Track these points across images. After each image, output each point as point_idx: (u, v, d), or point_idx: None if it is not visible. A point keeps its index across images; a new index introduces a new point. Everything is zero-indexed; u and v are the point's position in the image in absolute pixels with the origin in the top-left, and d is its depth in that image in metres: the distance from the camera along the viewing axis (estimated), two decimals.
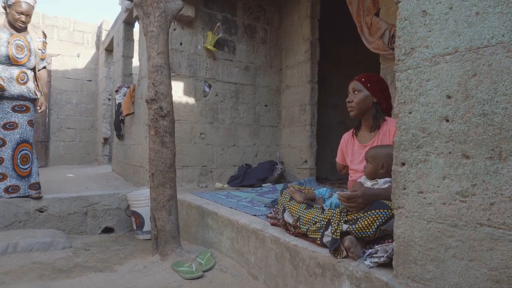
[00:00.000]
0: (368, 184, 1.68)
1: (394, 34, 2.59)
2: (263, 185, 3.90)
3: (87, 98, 7.83)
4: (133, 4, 2.78)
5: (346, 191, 1.67)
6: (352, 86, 1.93)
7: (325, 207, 1.70)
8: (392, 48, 2.67)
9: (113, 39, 6.34)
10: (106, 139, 7.25)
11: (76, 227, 3.24)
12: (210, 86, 4.01)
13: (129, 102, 4.45)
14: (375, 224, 1.43)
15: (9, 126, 3.00)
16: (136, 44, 5.63)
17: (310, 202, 1.80)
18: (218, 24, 3.94)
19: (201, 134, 3.94)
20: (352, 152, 2.02)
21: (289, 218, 1.80)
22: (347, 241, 1.46)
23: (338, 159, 2.17)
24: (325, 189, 1.95)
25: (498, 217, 0.98)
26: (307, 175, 4.03)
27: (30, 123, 3.13)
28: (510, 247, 0.95)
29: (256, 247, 2.05)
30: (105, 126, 7.15)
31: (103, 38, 7.37)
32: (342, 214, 1.55)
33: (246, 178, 3.95)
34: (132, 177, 4.44)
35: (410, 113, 1.19)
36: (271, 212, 2.08)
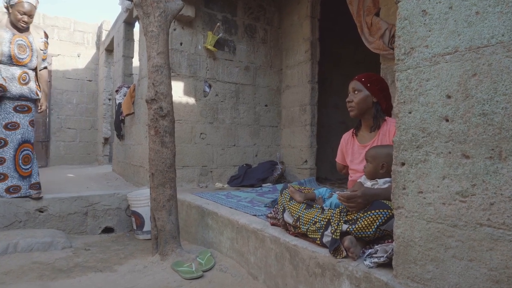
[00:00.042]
0: (368, 184, 1.67)
1: (394, 34, 2.58)
2: (263, 185, 3.90)
3: (88, 98, 7.84)
4: (133, 4, 2.78)
5: (346, 191, 1.67)
6: (352, 86, 1.93)
7: (325, 207, 1.70)
8: (392, 48, 2.67)
9: (113, 39, 6.34)
10: (106, 139, 7.26)
11: (76, 227, 3.24)
12: (210, 86, 4.01)
13: (129, 102, 4.45)
14: (375, 224, 1.43)
15: (10, 126, 3.00)
16: (136, 44, 5.63)
17: (310, 202, 1.80)
18: (218, 24, 3.94)
19: (201, 134, 3.94)
20: (352, 152, 2.02)
21: (289, 218, 1.80)
22: (347, 241, 1.45)
23: (338, 159, 2.16)
24: (325, 189, 1.95)
25: (498, 217, 0.97)
26: (307, 175, 4.03)
27: (31, 123, 3.13)
28: (510, 247, 0.95)
29: (256, 247, 2.05)
30: (105, 126, 7.16)
31: (104, 38, 7.38)
32: (342, 214, 1.55)
33: (246, 178, 3.95)
34: (132, 177, 4.44)
35: (410, 113, 1.19)
36: (271, 212, 2.08)
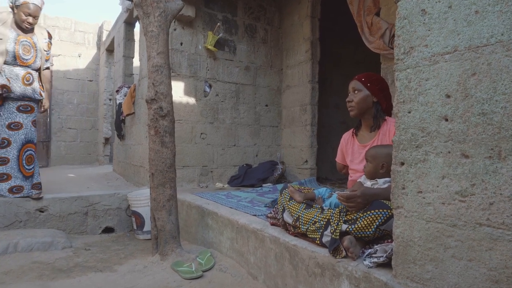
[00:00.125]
0: (368, 184, 1.67)
1: (394, 34, 2.58)
2: (264, 185, 3.89)
3: (88, 98, 7.85)
4: (133, 4, 2.79)
5: (345, 191, 1.67)
6: (352, 85, 1.93)
7: (324, 207, 1.70)
8: (392, 47, 2.66)
9: (114, 39, 6.35)
10: (107, 139, 7.26)
11: (76, 227, 3.24)
12: (210, 86, 4.01)
13: (129, 102, 4.46)
14: (375, 224, 1.43)
15: (13, 126, 3.01)
16: (137, 44, 5.64)
17: (310, 202, 1.79)
18: (219, 24, 3.94)
19: (201, 134, 3.94)
20: (352, 151, 2.02)
21: (288, 218, 1.80)
22: (346, 241, 1.45)
23: (338, 159, 2.16)
24: (324, 189, 1.95)
25: (497, 217, 0.97)
26: (308, 175, 4.03)
27: (34, 124, 3.14)
28: (509, 247, 0.95)
29: (255, 247, 2.05)
30: (106, 126, 7.17)
31: (104, 38, 7.39)
32: (342, 214, 1.55)
33: (246, 178, 3.95)
34: (132, 177, 4.44)
35: (409, 112, 1.18)
36: (271, 212, 2.08)
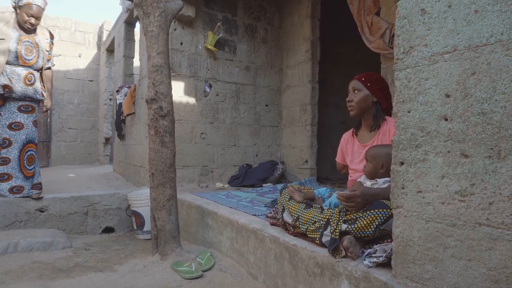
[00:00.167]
0: (367, 183, 1.67)
1: (394, 33, 2.58)
2: (264, 185, 3.89)
3: (89, 98, 7.86)
4: (133, 4, 2.79)
5: (345, 191, 1.67)
6: (352, 85, 1.92)
7: (324, 207, 1.70)
8: (392, 47, 2.65)
9: (114, 39, 6.35)
10: (107, 139, 7.27)
11: (76, 227, 3.24)
12: (210, 86, 4.01)
13: (130, 102, 4.46)
14: (374, 223, 1.42)
15: (14, 126, 3.01)
16: (137, 44, 5.64)
17: (309, 201, 1.79)
18: (219, 24, 3.94)
19: (201, 134, 3.94)
20: (352, 151, 2.01)
21: (288, 218, 1.80)
22: (346, 240, 1.45)
23: (338, 159, 2.16)
24: (324, 188, 1.94)
25: (497, 216, 0.97)
26: (308, 175, 4.03)
27: (35, 124, 3.15)
28: (508, 247, 0.94)
29: (255, 247, 2.05)
30: (106, 126, 7.17)
31: (104, 38, 7.39)
32: (341, 213, 1.55)
33: (246, 178, 3.95)
34: (133, 177, 4.44)
35: (409, 112, 1.18)
36: (271, 212, 2.08)
